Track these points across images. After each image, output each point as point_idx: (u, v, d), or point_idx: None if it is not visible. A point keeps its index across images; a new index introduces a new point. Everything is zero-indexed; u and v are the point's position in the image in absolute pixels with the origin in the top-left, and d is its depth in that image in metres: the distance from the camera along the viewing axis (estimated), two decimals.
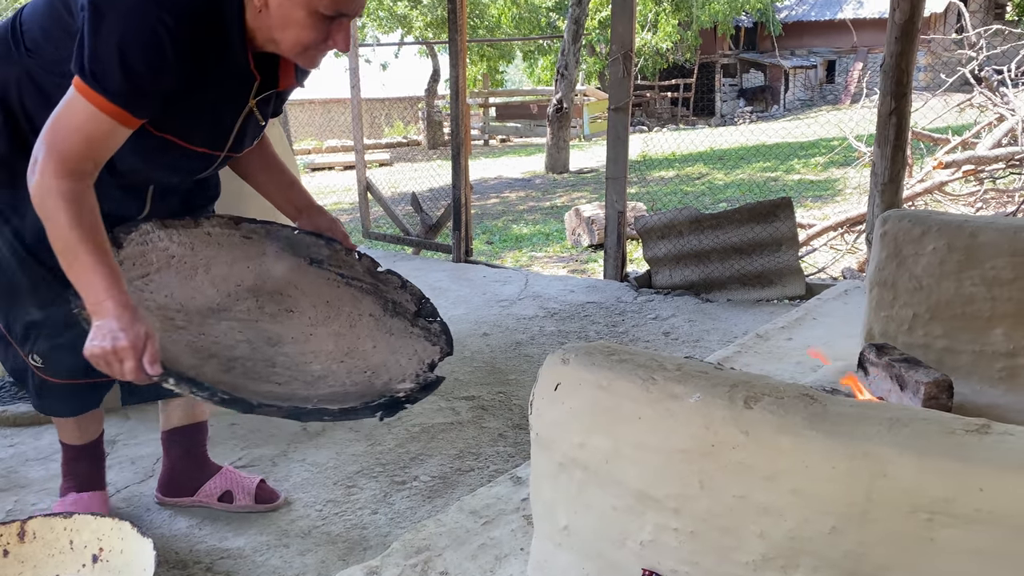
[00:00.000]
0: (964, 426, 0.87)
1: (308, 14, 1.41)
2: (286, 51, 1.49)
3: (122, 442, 2.49)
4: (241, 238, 1.82)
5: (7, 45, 1.57)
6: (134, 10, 1.36)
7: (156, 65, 1.38)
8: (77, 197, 1.38)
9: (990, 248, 1.91)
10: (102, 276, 1.36)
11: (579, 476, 1.12)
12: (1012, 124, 6.19)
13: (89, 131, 1.39)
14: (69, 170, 1.38)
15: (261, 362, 1.57)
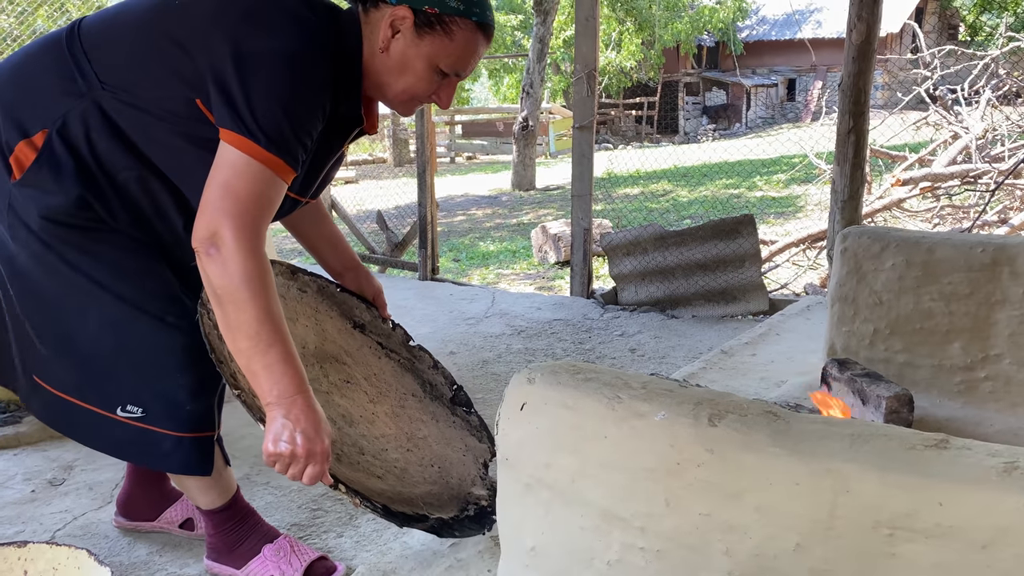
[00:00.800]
0: (923, 441, 0.88)
1: (427, 67, 1.41)
2: (391, 96, 1.47)
3: (79, 467, 2.43)
4: (297, 291, 1.70)
5: (70, 75, 1.41)
6: (295, 62, 1.32)
7: (314, 116, 1.36)
8: (266, 281, 1.31)
9: (947, 264, 1.95)
10: (294, 372, 1.31)
11: (546, 496, 1.12)
12: (966, 142, 6.35)
13: (269, 196, 1.32)
14: (255, 247, 1.30)
15: (351, 447, 1.52)
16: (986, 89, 6.97)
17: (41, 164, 1.41)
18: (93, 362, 1.51)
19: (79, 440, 1.62)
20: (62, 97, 1.40)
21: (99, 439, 1.58)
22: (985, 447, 0.87)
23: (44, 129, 1.40)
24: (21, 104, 1.43)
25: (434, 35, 1.39)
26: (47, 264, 1.45)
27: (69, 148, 1.40)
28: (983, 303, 1.93)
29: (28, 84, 1.43)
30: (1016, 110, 7.17)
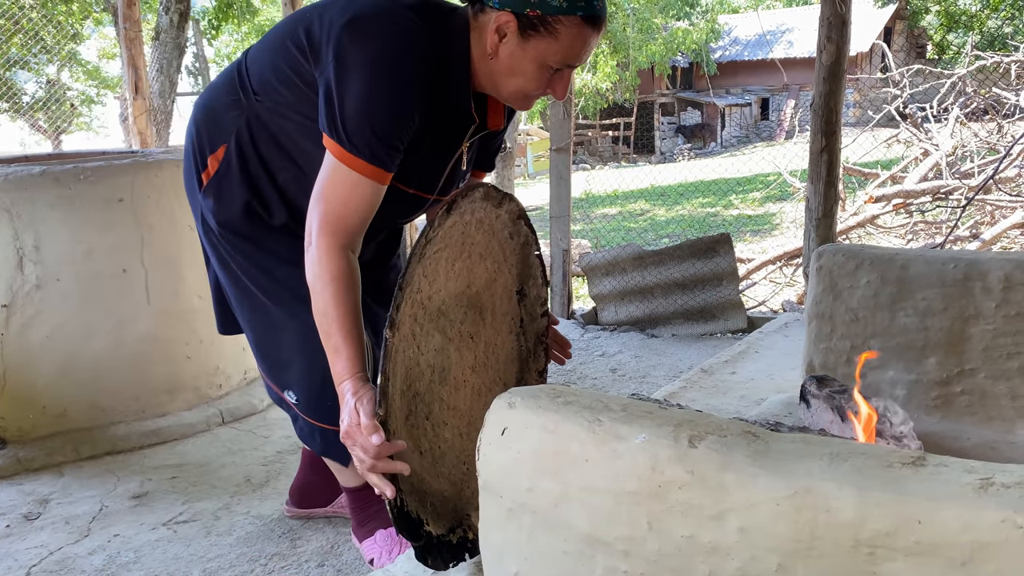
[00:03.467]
0: (901, 459, 0.89)
1: (536, 67, 1.43)
2: (505, 96, 1.50)
3: (55, 501, 2.39)
4: (508, 234, 1.65)
5: (235, 92, 1.58)
6: (382, 69, 1.38)
7: (407, 125, 1.41)
8: (343, 276, 1.40)
9: (921, 280, 1.98)
10: (346, 358, 1.38)
11: (528, 521, 1.11)
12: (936, 159, 6.45)
13: (356, 199, 1.40)
14: (341, 246, 1.40)
15: (424, 405, 1.50)
16: (954, 107, 7.10)
17: (219, 175, 1.60)
18: (266, 349, 1.73)
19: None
20: (232, 113, 1.58)
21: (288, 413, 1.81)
22: (961, 463, 0.88)
23: (224, 144, 1.59)
24: (209, 124, 1.62)
25: (539, 36, 1.40)
26: (225, 262, 1.67)
27: (240, 157, 1.58)
28: (957, 318, 1.95)
29: (213, 106, 1.63)
30: (984, 127, 7.30)
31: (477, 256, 1.57)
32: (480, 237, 1.56)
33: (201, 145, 1.63)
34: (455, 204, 1.45)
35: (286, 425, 2.94)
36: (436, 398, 1.53)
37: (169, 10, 7.42)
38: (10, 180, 2.67)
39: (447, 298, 1.53)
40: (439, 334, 1.52)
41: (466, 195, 1.47)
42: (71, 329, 2.71)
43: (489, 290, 1.63)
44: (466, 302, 1.58)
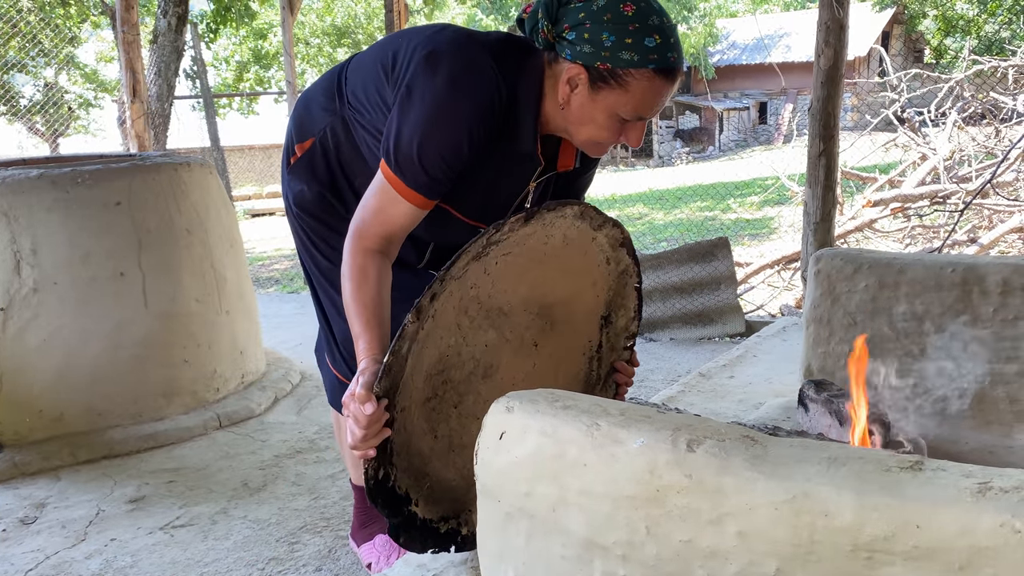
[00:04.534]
0: (899, 463, 0.89)
1: (608, 117, 1.43)
2: (578, 142, 1.52)
3: (52, 505, 2.39)
4: (604, 259, 1.61)
5: (331, 95, 1.68)
6: (442, 107, 1.41)
7: (453, 163, 1.45)
8: (363, 272, 1.46)
9: (918, 284, 1.98)
10: (364, 342, 1.41)
11: (526, 526, 1.11)
12: (934, 163, 6.46)
13: (393, 215, 1.47)
14: (364, 248, 1.48)
15: (455, 394, 1.49)
16: (952, 111, 7.11)
17: (303, 161, 1.71)
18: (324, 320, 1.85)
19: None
20: (324, 113, 1.68)
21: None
22: (959, 468, 0.88)
23: (312, 138, 1.70)
24: (304, 116, 1.73)
25: (609, 89, 1.39)
26: (303, 240, 1.79)
27: (323, 155, 1.69)
28: (955, 322, 1.96)
29: (310, 101, 1.74)
30: (981, 131, 7.31)
31: (558, 271, 1.54)
32: (566, 254, 1.53)
33: (294, 132, 1.75)
34: (538, 214, 1.42)
35: (284, 429, 2.94)
36: (473, 391, 1.52)
37: (167, 13, 7.42)
38: (7, 183, 2.66)
39: (512, 301, 1.52)
40: (494, 331, 1.52)
41: (555, 209, 1.45)
42: (68, 333, 2.70)
43: (567, 306, 1.60)
44: (536, 310, 1.57)
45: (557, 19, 1.40)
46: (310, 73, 19.55)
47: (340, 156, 1.68)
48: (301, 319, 4.67)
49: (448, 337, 1.45)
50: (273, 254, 9.66)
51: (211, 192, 3.19)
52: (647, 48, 1.35)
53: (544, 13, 1.40)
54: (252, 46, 18.07)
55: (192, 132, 10.74)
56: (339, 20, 18.89)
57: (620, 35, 1.35)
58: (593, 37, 1.36)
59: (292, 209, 1.78)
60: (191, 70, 12.25)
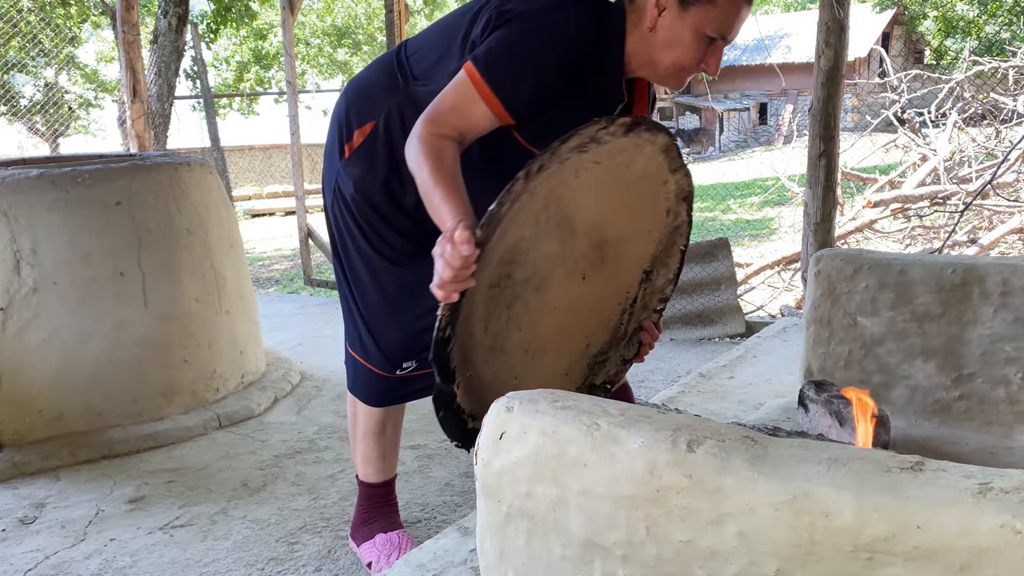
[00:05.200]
0: (899, 464, 0.89)
1: (695, 36, 1.49)
2: (662, 71, 1.56)
3: (51, 505, 2.38)
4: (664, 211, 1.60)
5: (393, 76, 1.70)
6: (538, 36, 1.47)
7: (539, 87, 1.48)
8: (440, 152, 1.43)
9: (919, 285, 1.98)
10: (450, 207, 1.37)
11: (526, 526, 1.11)
12: (934, 164, 6.46)
13: (465, 108, 1.47)
14: (439, 133, 1.45)
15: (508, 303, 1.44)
16: (952, 112, 7.11)
17: (364, 147, 1.71)
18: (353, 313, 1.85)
19: (365, 399, 1.94)
20: (386, 93, 1.70)
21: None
22: (960, 468, 0.88)
23: (373, 120, 1.70)
24: (359, 102, 1.74)
25: (698, 6, 1.47)
26: (351, 231, 1.77)
27: (387, 135, 1.69)
28: (955, 323, 1.95)
29: (365, 86, 1.76)
30: (982, 132, 7.31)
31: (626, 206, 1.52)
32: (639, 189, 1.51)
33: (349, 120, 1.75)
34: (638, 127, 1.40)
35: (283, 429, 2.94)
36: (524, 299, 1.47)
37: (168, 13, 7.42)
38: (7, 183, 2.66)
39: (582, 218, 1.47)
40: (558, 244, 1.47)
41: (652, 129, 1.44)
42: (68, 332, 2.70)
43: (620, 247, 1.56)
44: (596, 239, 1.52)
45: None
46: (310, 73, 19.55)
47: (408, 130, 1.66)
48: (301, 319, 4.67)
49: (526, 227, 1.39)
50: (273, 254, 9.66)
51: (211, 192, 3.18)
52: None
53: None
54: (252, 46, 18.07)
55: (192, 132, 10.74)
56: (339, 20, 18.89)
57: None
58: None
59: (349, 197, 1.76)
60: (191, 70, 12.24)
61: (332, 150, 1.79)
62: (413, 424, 2.96)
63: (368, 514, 2.03)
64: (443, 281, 1.29)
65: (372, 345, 1.83)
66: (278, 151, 18.94)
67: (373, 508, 2.03)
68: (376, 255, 1.76)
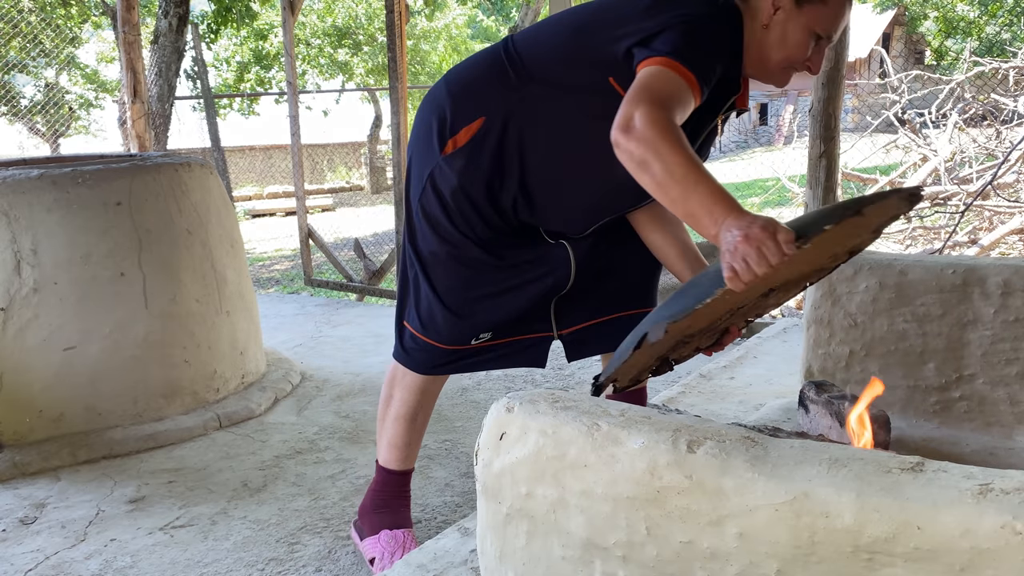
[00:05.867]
0: (900, 464, 0.89)
1: (806, 34, 1.58)
2: (771, 67, 1.64)
3: (51, 505, 2.38)
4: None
5: (504, 73, 1.70)
6: (716, 33, 1.55)
7: (718, 61, 1.55)
8: (681, 133, 1.39)
9: (919, 285, 1.98)
10: (726, 199, 1.35)
11: (526, 527, 1.11)
12: (935, 164, 6.46)
13: (682, 97, 1.46)
14: (668, 116, 1.41)
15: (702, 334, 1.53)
16: (953, 112, 7.11)
17: (471, 145, 1.72)
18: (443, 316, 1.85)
19: (418, 370, 1.95)
20: (497, 91, 1.70)
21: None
22: (960, 469, 0.88)
23: (481, 117, 1.71)
24: (465, 96, 1.74)
25: (811, 4, 1.56)
26: (438, 219, 1.79)
27: (500, 135, 1.70)
28: (955, 324, 1.95)
29: (471, 81, 1.76)
30: (982, 133, 7.31)
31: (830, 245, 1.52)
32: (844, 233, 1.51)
33: (454, 114, 1.74)
34: (915, 199, 1.45)
35: (284, 430, 2.94)
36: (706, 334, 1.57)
37: (168, 14, 7.42)
38: (8, 183, 2.66)
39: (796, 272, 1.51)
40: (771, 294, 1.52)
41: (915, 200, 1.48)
42: (68, 333, 2.70)
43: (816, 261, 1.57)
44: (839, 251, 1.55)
45: None
46: (311, 74, 19.55)
47: (522, 130, 1.70)
48: (301, 320, 4.67)
49: (784, 270, 1.37)
50: (273, 254, 9.67)
51: (212, 192, 3.19)
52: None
53: None
54: (253, 47, 18.07)
55: (193, 132, 10.75)
56: (340, 21, 18.90)
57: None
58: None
59: (447, 189, 1.76)
60: (192, 71, 12.25)
61: (429, 141, 1.78)
62: None
63: (381, 501, 2.03)
64: (752, 274, 1.27)
65: (445, 321, 1.85)
66: (278, 151, 18.97)
67: (388, 496, 2.03)
68: (463, 238, 1.78)
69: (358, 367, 3.68)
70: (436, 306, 1.85)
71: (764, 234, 1.26)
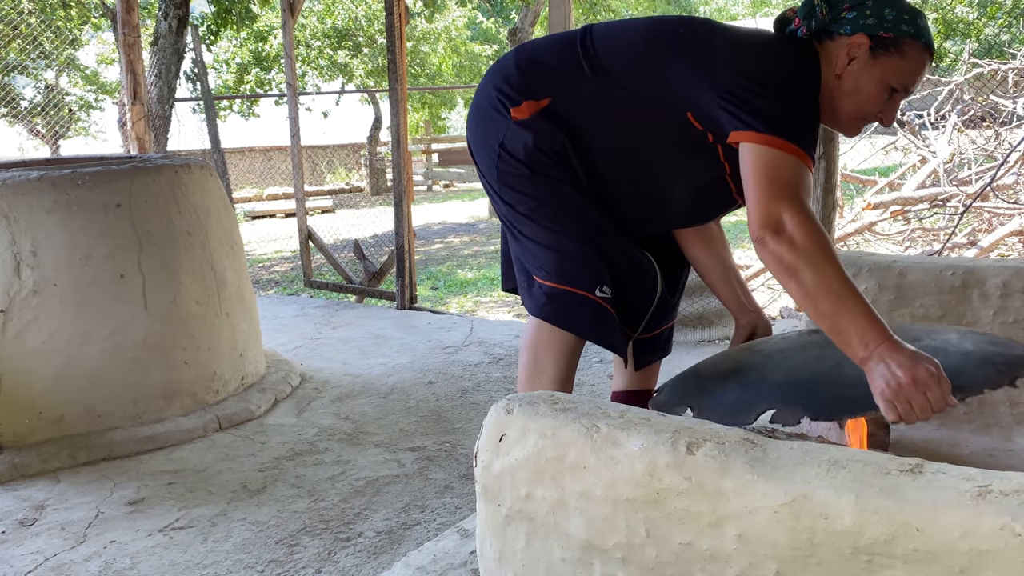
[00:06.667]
0: (899, 466, 0.89)
1: (880, 86, 1.56)
2: (842, 118, 1.62)
3: (51, 507, 2.38)
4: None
5: (576, 62, 1.72)
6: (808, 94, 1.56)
7: (817, 119, 1.58)
8: (833, 246, 1.42)
9: (918, 287, 1.98)
10: (878, 322, 1.35)
11: (525, 528, 1.11)
12: (934, 166, 6.46)
13: (806, 182, 1.49)
14: (816, 222, 1.43)
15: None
16: (952, 114, 7.12)
17: (544, 116, 1.73)
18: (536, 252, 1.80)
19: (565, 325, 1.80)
20: (566, 78, 1.72)
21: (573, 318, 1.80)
22: (960, 471, 0.88)
23: (548, 98, 1.73)
24: (535, 74, 1.76)
25: (888, 57, 1.54)
26: (529, 181, 1.76)
27: (565, 116, 1.72)
28: (955, 325, 1.96)
29: (542, 61, 1.78)
30: (981, 134, 7.32)
31: None
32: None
33: (520, 86, 1.76)
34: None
35: (283, 431, 2.94)
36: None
37: (168, 15, 7.43)
38: (8, 185, 2.66)
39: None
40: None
41: None
42: (68, 334, 2.70)
43: None
44: None
45: (833, 4, 1.58)
46: (311, 75, 19.53)
47: (586, 122, 1.72)
48: (301, 321, 4.67)
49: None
50: (273, 256, 9.67)
51: (211, 194, 3.19)
52: (920, 26, 1.54)
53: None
54: (253, 48, 18.06)
55: (192, 134, 10.75)
56: (340, 23, 18.89)
57: (900, 11, 1.54)
58: (876, 11, 1.54)
59: (523, 147, 1.75)
60: (192, 72, 12.25)
61: (494, 113, 1.78)
62: (413, 426, 2.97)
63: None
64: (915, 419, 1.32)
65: (571, 263, 1.77)
66: (278, 153, 18.96)
67: None
68: (554, 182, 1.76)
69: (358, 369, 3.68)
70: (554, 245, 1.78)
71: (931, 381, 1.29)
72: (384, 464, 2.63)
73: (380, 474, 2.56)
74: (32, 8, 11.38)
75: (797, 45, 1.62)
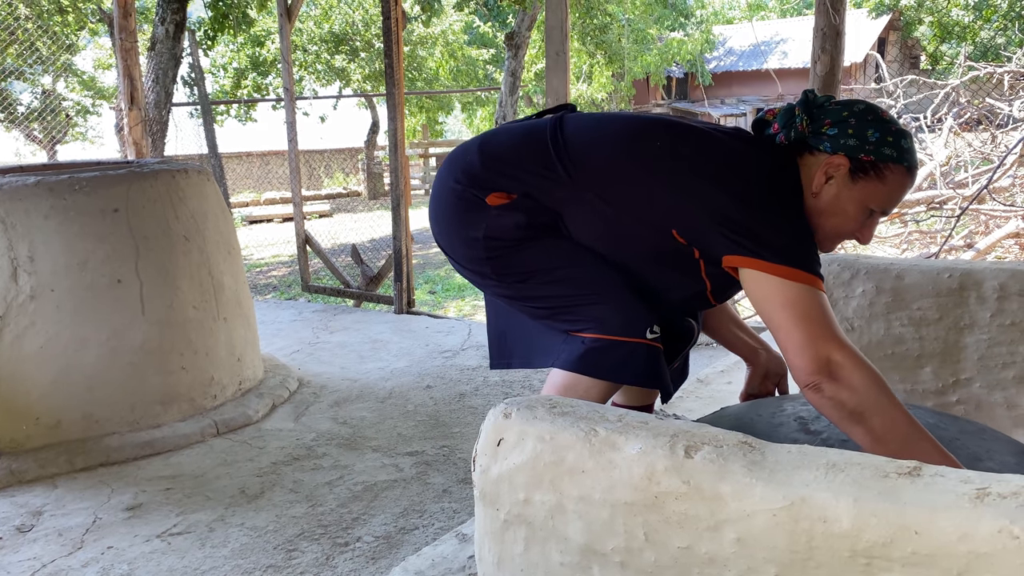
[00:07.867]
0: (897, 469, 0.89)
1: (858, 209, 1.52)
2: (818, 234, 1.56)
3: (48, 513, 2.38)
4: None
5: (549, 164, 1.63)
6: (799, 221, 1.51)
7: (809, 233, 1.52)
8: (888, 388, 1.34)
9: (915, 290, 1.98)
10: (946, 456, 1.28)
11: (524, 533, 1.11)
12: (931, 168, 6.47)
13: (826, 308, 1.42)
14: (859, 355, 1.36)
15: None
16: (948, 117, 7.13)
17: (526, 199, 1.64)
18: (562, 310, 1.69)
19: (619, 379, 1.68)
20: (539, 179, 1.63)
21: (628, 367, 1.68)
22: (957, 473, 0.88)
23: (514, 194, 1.65)
24: (499, 172, 1.67)
25: (867, 180, 1.50)
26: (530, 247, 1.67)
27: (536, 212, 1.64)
28: (952, 328, 1.96)
29: (509, 160, 1.68)
30: (977, 137, 7.34)
31: None
32: None
33: (485, 179, 1.68)
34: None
35: (281, 436, 2.93)
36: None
37: (165, 21, 7.43)
38: (4, 190, 2.66)
39: None
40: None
41: None
42: (65, 340, 2.70)
43: None
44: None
45: (815, 117, 1.53)
46: (308, 80, 19.54)
47: (561, 222, 1.65)
48: (299, 326, 4.66)
49: None
50: (271, 261, 9.67)
51: (209, 199, 3.19)
52: (903, 148, 1.49)
53: (803, 110, 1.54)
54: (250, 53, 18.07)
55: (190, 139, 10.74)
56: (337, 27, 18.91)
57: (884, 133, 1.49)
58: (859, 132, 1.49)
59: (511, 229, 1.68)
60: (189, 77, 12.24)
61: (467, 204, 1.70)
62: (411, 430, 2.96)
63: None
64: None
65: (613, 310, 1.66)
66: (276, 157, 18.96)
67: None
68: (559, 239, 1.68)
69: (355, 373, 3.67)
70: (587, 296, 1.68)
71: None
72: (382, 469, 2.63)
73: (378, 479, 2.55)
74: (29, 13, 11.38)
75: (779, 153, 1.57)
